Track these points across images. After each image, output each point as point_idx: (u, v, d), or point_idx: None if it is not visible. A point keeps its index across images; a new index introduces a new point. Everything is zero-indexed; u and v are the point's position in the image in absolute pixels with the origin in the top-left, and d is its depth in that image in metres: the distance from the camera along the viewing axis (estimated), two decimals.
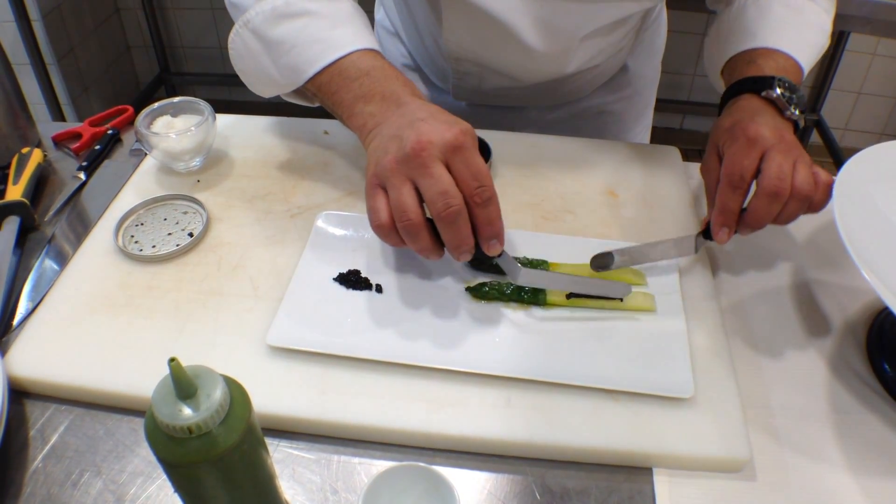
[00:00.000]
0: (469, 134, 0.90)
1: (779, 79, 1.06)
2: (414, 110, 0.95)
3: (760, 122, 1.00)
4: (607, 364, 0.92)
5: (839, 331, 1.03)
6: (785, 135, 1.00)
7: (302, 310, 0.97)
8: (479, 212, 0.89)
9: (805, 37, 1.16)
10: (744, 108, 1.06)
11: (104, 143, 1.32)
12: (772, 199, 0.95)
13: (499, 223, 0.91)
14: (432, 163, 0.87)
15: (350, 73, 1.03)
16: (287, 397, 0.88)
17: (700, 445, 0.85)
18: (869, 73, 3.66)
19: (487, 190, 0.88)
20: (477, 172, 0.89)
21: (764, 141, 0.98)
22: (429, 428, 0.86)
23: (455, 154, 0.88)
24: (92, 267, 1.05)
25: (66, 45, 3.41)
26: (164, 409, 0.61)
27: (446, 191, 0.87)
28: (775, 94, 1.04)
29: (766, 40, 1.14)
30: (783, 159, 0.96)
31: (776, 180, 0.95)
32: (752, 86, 1.08)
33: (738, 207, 0.99)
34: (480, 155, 1.03)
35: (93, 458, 0.85)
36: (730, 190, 0.98)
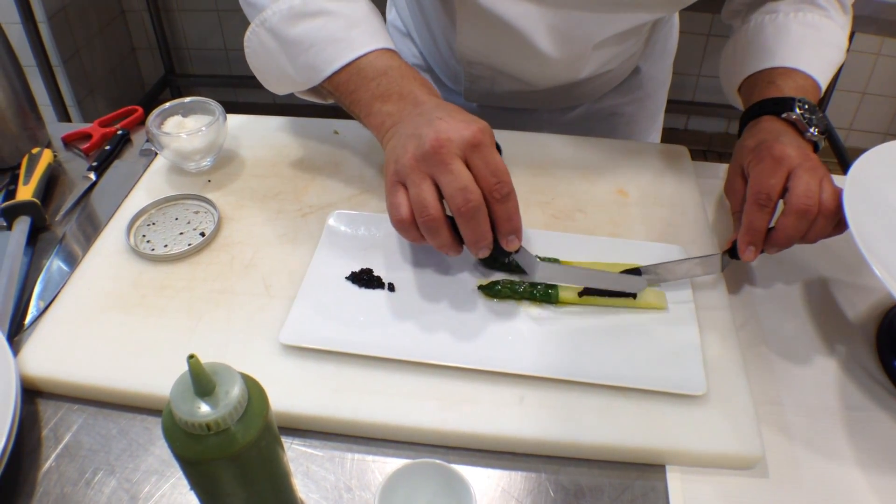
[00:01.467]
0: (487, 132, 0.92)
1: (798, 100, 1.06)
2: (431, 109, 0.96)
3: (785, 141, 1.01)
4: (619, 362, 0.93)
5: (849, 328, 1.03)
6: (809, 154, 1.01)
7: (315, 308, 0.97)
8: (498, 207, 0.90)
9: (822, 55, 1.16)
10: (766, 129, 1.06)
11: (114, 144, 1.32)
12: (800, 217, 0.95)
13: (517, 219, 0.92)
14: (451, 160, 0.89)
15: (368, 72, 1.03)
16: (300, 395, 0.88)
17: (712, 442, 0.85)
18: (873, 73, 3.66)
19: (506, 186, 0.90)
20: (495, 169, 0.90)
21: (790, 160, 0.98)
22: (442, 425, 0.86)
23: (474, 151, 0.90)
24: (104, 266, 1.05)
25: (71, 46, 3.41)
26: (182, 406, 0.61)
27: (465, 186, 0.88)
28: (795, 116, 1.05)
29: (785, 60, 1.14)
30: (810, 178, 0.96)
31: (804, 198, 0.95)
32: (773, 107, 1.08)
33: (765, 226, 0.99)
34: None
35: (106, 456, 0.85)
36: (757, 209, 0.98)
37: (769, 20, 1.20)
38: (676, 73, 1.62)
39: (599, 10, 1.16)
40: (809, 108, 1.06)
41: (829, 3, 1.20)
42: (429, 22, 1.40)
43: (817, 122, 1.06)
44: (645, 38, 1.40)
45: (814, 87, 1.13)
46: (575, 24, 1.18)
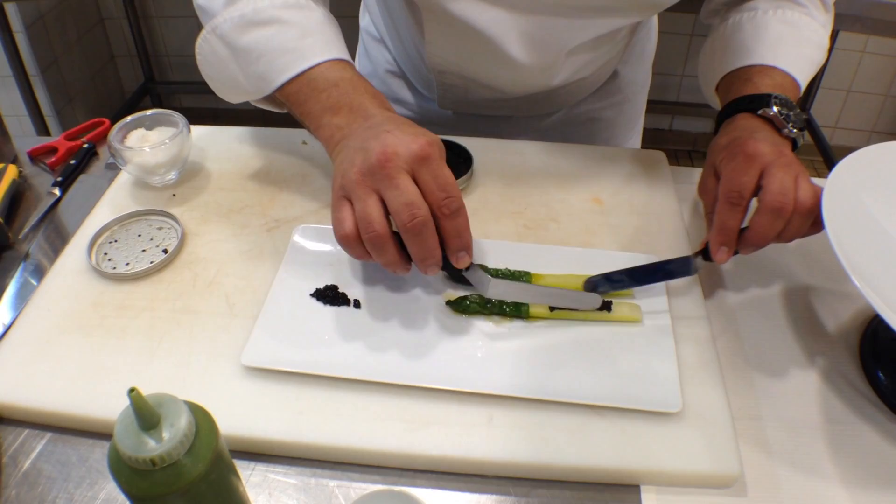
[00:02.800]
0: (436, 145, 0.89)
1: (775, 96, 1.05)
2: (381, 122, 0.93)
3: (759, 138, 0.99)
4: (592, 379, 0.90)
5: (831, 338, 1.01)
6: (784, 151, 0.98)
7: (278, 328, 0.95)
8: (447, 223, 0.88)
9: (802, 53, 1.15)
10: (741, 126, 1.04)
11: (80, 158, 1.30)
12: (775, 216, 0.93)
13: (467, 235, 0.90)
14: (398, 174, 0.86)
15: (318, 83, 1.01)
16: (262, 419, 0.86)
17: (689, 461, 0.83)
18: (858, 71, 3.66)
19: (455, 201, 0.87)
20: (444, 183, 0.87)
21: (763, 157, 0.96)
22: (408, 448, 0.84)
23: (421, 165, 0.87)
24: (65, 286, 1.03)
25: (49, 56, 3.39)
26: (126, 442, 0.60)
27: (412, 202, 0.85)
28: (772, 112, 1.03)
29: (763, 57, 1.12)
30: (784, 175, 0.94)
31: (779, 195, 0.92)
32: (749, 104, 1.06)
33: (737, 225, 0.96)
34: (464, 163, 1.01)
35: (65, 484, 0.83)
36: (728, 207, 0.96)
37: (747, 18, 1.18)
38: (660, 74, 1.61)
39: (572, 16, 1.14)
40: (787, 105, 1.04)
41: (810, 1, 1.18)
42: (399, 30, 1.38)
43: (795, 118, 1.04)
44: (622, 44, 1.38)
45: (792, 84, 1.11)
46: (547, 30, 1.16)
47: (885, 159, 1.03)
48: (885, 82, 3.68)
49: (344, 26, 1.10)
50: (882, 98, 3.75)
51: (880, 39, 3.46)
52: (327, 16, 1.09)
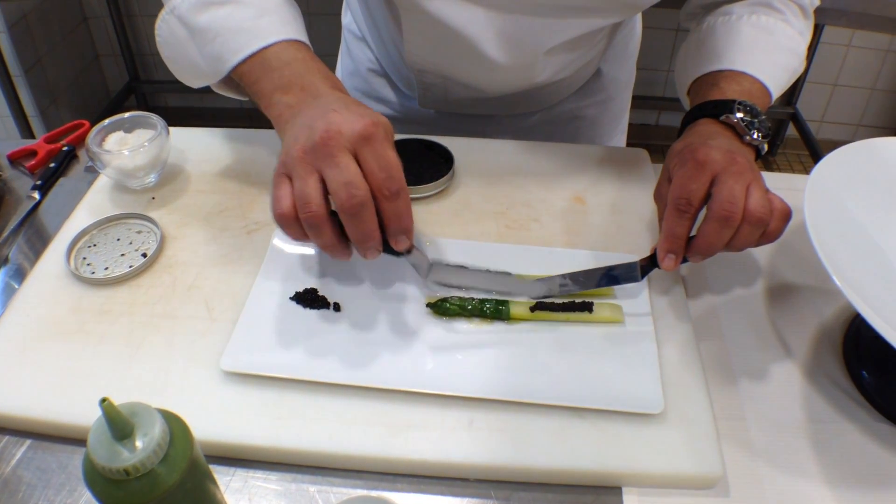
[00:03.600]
0: (381, 125, 0.88)
1: (739, 102, 1.03)
2: (329, 102, 0.92)
3: (712, 145, 0.97)
4: (574, 381, 0.90)
5: (815, 336, 1.01)
6: (738, 158, 0.96)
7: (257, 332, 0.95)
8: (387, 205, 0.86)
9: (774, 59, 1.13)
10: (699, 132, 1.03)
11: (59, 161, 1.29)
12: (722, 224, 0.91)
13: (407, 217, 0.88)
14: (339, 153, 0.85)
15: (271, 63, 1.00)
16: (242, 424, 0.85)
17: (671, 462, 0.82)
18: (844, 65, 3.67)
19: (396, 182, 0.86)
20: (386, 164, 0.86)
21: (714, 164, 0.94)
22: (389, 453, 0.83)
23: (364, 145, 0.86)
24: (43, 292, 1.02)
25: (33, 56, 3.37)
26: (99, 451, 0.59)
27: (350, 181, 0.84)
28: (735, 119, 1.02)
29: (732, 62, 1.11)
30: (734, 183, 0.92)
31: (727, 204, 0.91)
32: (712, 110, 1.05)
33: (684, 233, 0.95)
34: (445, 163, 1.01)
35: (45, 491, 0.83)
36: (677, 215, 0.95)
37: (721, 22, 1.17)
38: (646, 70, 1.61)
39: (549, 16, 1.13)
40: (752, 112, 1.03)
41: (788, 7, 1.17)
42: (379, 28, 1.37)
43: (760, 125, 1.03)
44: (603, 43, 1.38)
45: (762, 91, 1.10)
46: (524, 29, 1.15)
47: (867, 157, 1.03)
48: (871, 76, 3.69)
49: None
50: (868, 92, 3.75)
51: (866, 33, 3.47)
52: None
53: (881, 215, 0.99)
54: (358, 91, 1.56)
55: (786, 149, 4.00)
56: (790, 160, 3.99)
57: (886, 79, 3.69)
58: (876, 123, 3.86)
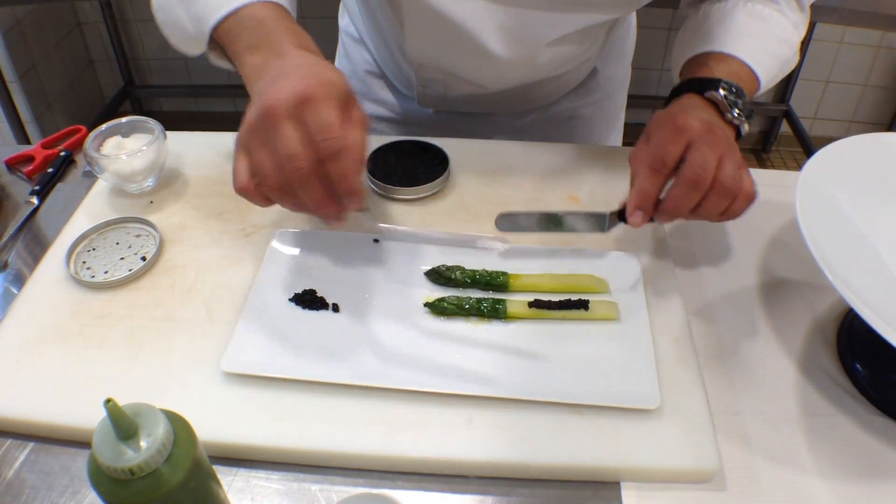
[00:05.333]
0: (326, 85, 0.85)
1: (724, 82, 1.04)
2: (285, 64, 0.90)
3: (693, 114, 0.98)
4: (571, 378, 0.91)
5: (809, 330, 1.02)
6: (716, 130, 0.97)
7: (257, 334, 0.95)
8: (331, 166, 0.84)
9: (766, 47, 1.14)
10: (683, 104, 1.05)
11: (57, 166, 1.29)
12: (690, 188, 0.93)
13: (352, 178, 0.85)
14: (280, 124, 0.83)
15: (245, 22, 0.98)
16: (243, 425, 0.86)
17: (668, 457, 0.83)
18: (836, 62, 3.67)
19: (336, 141, 0.83)
20: (322, 125, 0.83)
21: (691, 131, 0.95)
22: (389, 451, 0.84)
23: (304, 108, 0.83)
24: (44, 296, 1.03)
25: (27, 61, 3.37)
26: (104, 452, 0.60)
27: (291, 154, 0.83)
28: (718, 96, 1.03)
29: (723, 45, 1.12)
30: (708, 150, 0.94)
31: (698, 169, 0.93)
32: (698, 86, 1.06)
33: (655, 192, 0.97)
34: (440, 164, 1.02)
35: (48, 494, 0.83)
36: (649, 173, 0.97)
37: (717, 9, 1.18)
38: (640, 69, 1.61)
39: (550, 10, 1.14)
40: (736, 92, 1.04)
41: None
42: (379, 25, 1.37)
43: (742, 106, 1.04)
44: (601, 41, 1.38)
45: (749, 76, 1.11)
46: (525, 22, 1.16)
47: (858, 153, 1.04)
48: (863, 72, 3.70)
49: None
50: (861, 88, 3.76)
51: (857, 30, 3.48)
52: None
53: (872, 210, 1.00)
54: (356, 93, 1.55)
55: (779, 146, 4.01)
56: (784, 157, 3.99)
57: (878, 75, 3.70)
58: (868, 119, 3.87)
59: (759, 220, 1.18)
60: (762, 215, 1.18)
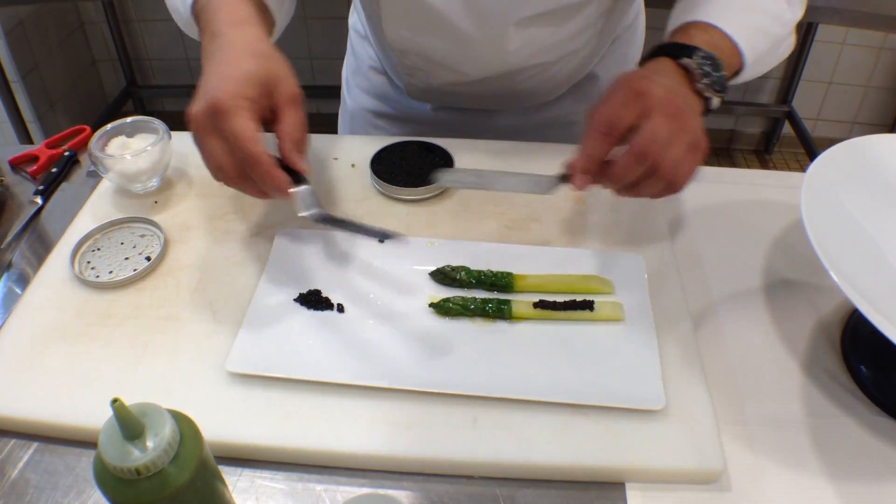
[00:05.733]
0: (229, 92, 0.88)
1: (702, 50, 0.99)
2: (213, 53, 0.94)
3: (656, 80, 0.94)
4: (576, 378, 0.91)
5: (813, 332, 1.02)
6: (676, 100, 0.92)
7: (261, 334, 0.95)
8: (251, 174, 0.90)
9: (751, 21, 1.08)
10: (653, 67, 1.01)
11: (61, 166, 1.30)
12: (637, 160, 0.90)
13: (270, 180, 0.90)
14: (204, 135, 0.90)
15: (212, 5, 1.00)
16: (248, 425, 0.86)
17: (673, 458, 0.83)
18: (839, 63, 3.67)
19: (245, 155, 0.88)
20: (233, 140, 0.88)
21: (650, 98, 0.91)
22: (393, 451, 0.84)
23: (218, 121, 0.88)
24: (48, 296, 1.03)
25: (30, 61, 3.37)
26: (111, 451, 0.60)
27: (217, 165, 0.90)
28: (693, 64, 0.98)
29: (707, 15, 1.06)
30: (663, 122, 0.90)
31: (648, 142, 0.89)
32: (673, 51, 1.01)
33: (600, 154, 0.94)
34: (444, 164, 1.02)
35: (53, 493, 0.83)
36: (597, 136, 0.93)
37: None
38: None
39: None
40: (711, 63, 0.99)
41: None
42: (369, 16, 1.38)
43: (717, 79, 0.99)
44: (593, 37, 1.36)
45: (731, 49, 1.05)
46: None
47: (862, 154, 1.04)
48: (865, 73, 3.70)
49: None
50: (863, 89, 3.76)
51: (860, 31, 3.47)
52: None
53: (877, 211, 1.00)
54: (360, 89, 1.58)
55: (782, 147, 4.01)
56: (786, 158, 3.99)
57: (881, 76, 3.70)
58: (871, 121, 3.87)
59: (763, 221, 1.18)
60: (766, 216, 1.19)
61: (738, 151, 4.03)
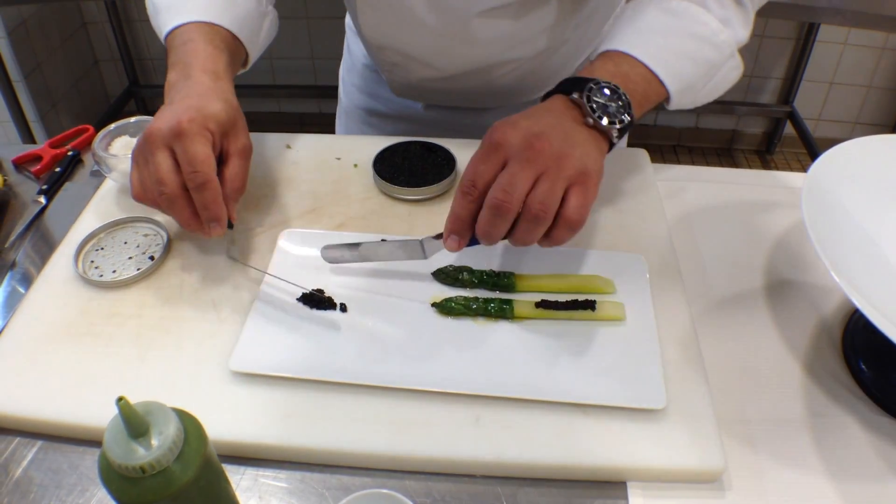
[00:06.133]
0: (196, 121, 0.96)
1: (596, 82, 0.96)
2: (185, 87, 1.02)
3: (522, 124, 0.91)
4: (578, 378, 0.91)
5: (814, 331, 1.02)
6: (537, 144, 0.89)
7: (265, 333, 0.96)
8: (196, 196, 0.96)
9: (672, 45, 1.04)
10: (537, 107, 0.97)
11: (64, 166, 1.30)
12: (494, 214, 0.87)
13: (214, 207, 0.97)
14: (156, 150, 0.96)
15: (177, 41, 1.09)
16: (251, 424, 0.86)
17: (673, 457, 0.83)
18: (840, 63, 3.67)
19: (199, 175, 0.95)
20: (191, 159, 0.95)
21: (507, 148, 0.89)
22: (397, 450, 0.84)
23: (176, 141, 0.95)
24: (52, 295, 1.03)
25: (32, 61, 3.37)
26: (115, 449, 0.60)
27: (160, 178, 0.95)
28: (581, 99, 0.95)
29: (620, 43, 1.04)
30: (520, 171, 0.87)
31: (500, 192, 0.86)
32: (567, 86, 0.98)
33: (467, 215, 0.90)
34: (447, 164, 1.02)
35: (57, 492, 0.83)
36: (460, 196, 0.90)
37: (633, 4, 1.11)
38: None
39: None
40: (610, 95, 0.95)
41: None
42: (350, 12, 1.40)
43: (615, 111, 0.95)
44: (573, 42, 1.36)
45: (646, 76, 1.02)
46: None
47: (863, 155, 1.04)
48: (867, 74, 3.70)
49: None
50: (865, 89, 3.76)
51: (861, 31, 3.48)
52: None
53: (878, 212, 1.00)
54: (355, 87, 1.59)
55: (783, 147, 4.01)
56: (787, 158, 3.99)
57: (882, 76, 3.70)
58: (872, 121, 3.87)
59: (764, 221, 1.18)
60: (768, 216, 1.19)
61: (740, 151, 4.03)
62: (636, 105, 0.98)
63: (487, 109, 1.48)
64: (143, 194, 0.99)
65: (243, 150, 1.04)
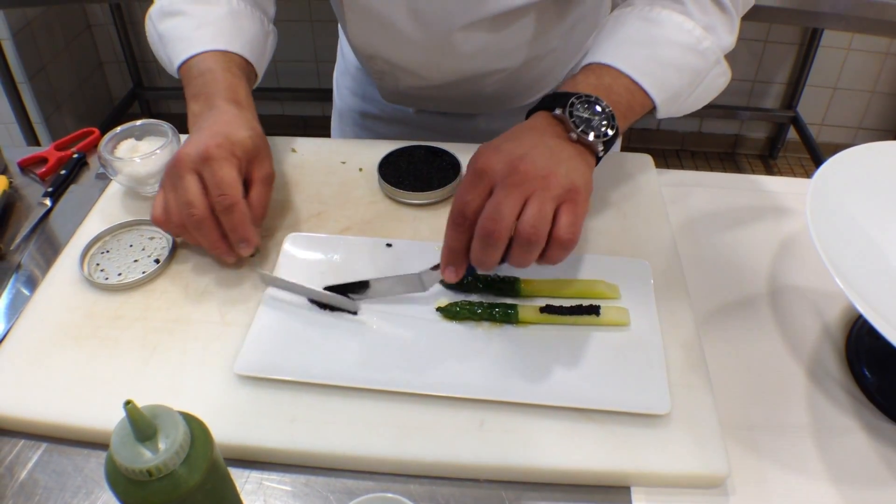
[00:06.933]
0: (223, 147, 1.00)
1: (579, 96, 0.95)
2: (210, 116, 1.05)
3: (504, 148, 0.91)
4: (582, 383, 0.91)
5: (817, 337, 1.02)
6: (521, 166, 0.88)
7: (270, 336, 0.96)
8: (224, 219, 0.99)
9: (654, 55, 1.03)
10: (521, 126, 0.97)
11: (70, 168, 1.30)
12: (484, 242, 0.87)
13: (242, 228, 1.00)
14: (184, 174, 0.98)
15: (194, 71, 1.12)
16: (256, 427, 0.86)
17: (677, 462, 0.83)
18: (844, 69, 3.67)
19: (228, 198, 0.98)
20: (219, 182, 0.98)
21: (492, 174, 0.89)
22: (401, 454, 0.84)
23: (204, 165, 0.98)
24: (58, 297, 1.03)
25: (37, 63, 3.38)
26: (123, 453, 0.60)
27: (189, 201, 0.97)
28: (564, 114, 0.94)
29: (602, 56, 1.03)
30: (506, 196, 0.86)
31: (487, 221, 0.86)
32: (550, 102, 0.98)
33: (460, 246, 0.90)
34: (452, 169, 1.02)
35: (62, 494, 0.84)
36: (452, 227, 0.90)
37: (615, 15, 1.10)
38: None
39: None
40: (592, 109, 0.95)
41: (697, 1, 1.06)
42: (340, 21, 1.40)
43: (598, 124, 0.95)
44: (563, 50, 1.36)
45: (629, 87, 1.01)
46: (432, 6, 1.17)
47: (869, 161, 1.04)
48: (870, 79, 3.70)
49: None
50: (868, 95, 3.76)
51: (865, 37, 3.48)
52: (232, 11, 1.18)
53: (883, 218, 1.00)
54: (348, 90, 1.60)
55: (786, 152, 4.01)
56: (791, 163, 4.00)
57: (886, 82, 3.70)
58: (876, 126, 3.87)
59: (768, 226, 1.18)
60: (771, 222, 1.19)
61: (743, 157, 4.03)
62: (620, 117, 0.98)
63: (478, 113, 1.48)
64: (164, 218, 1.01)
65: (266, 177, 1.07)
